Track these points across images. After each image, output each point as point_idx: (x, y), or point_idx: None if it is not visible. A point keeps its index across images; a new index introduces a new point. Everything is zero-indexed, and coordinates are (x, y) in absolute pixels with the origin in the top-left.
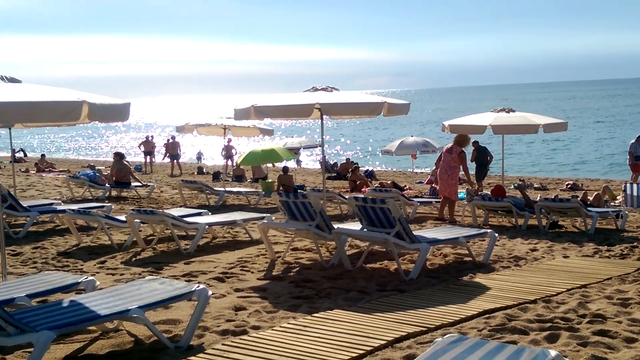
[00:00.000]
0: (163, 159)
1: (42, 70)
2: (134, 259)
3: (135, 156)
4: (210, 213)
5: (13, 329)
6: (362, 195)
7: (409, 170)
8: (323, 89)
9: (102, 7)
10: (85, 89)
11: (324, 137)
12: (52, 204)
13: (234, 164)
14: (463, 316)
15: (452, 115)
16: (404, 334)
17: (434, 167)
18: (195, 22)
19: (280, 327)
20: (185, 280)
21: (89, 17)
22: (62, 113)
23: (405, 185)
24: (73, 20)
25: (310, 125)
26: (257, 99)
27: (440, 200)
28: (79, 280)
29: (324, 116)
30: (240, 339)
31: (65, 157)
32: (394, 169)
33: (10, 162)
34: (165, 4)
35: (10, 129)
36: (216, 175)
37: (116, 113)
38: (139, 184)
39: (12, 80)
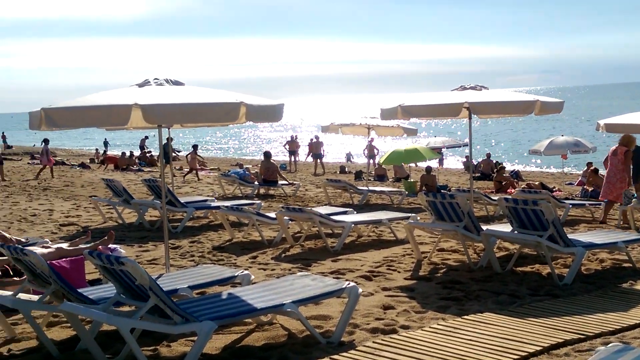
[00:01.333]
0: (306, 158)
1: (202, 72)
2: (283, 255)
3: (279, 155)
4: (355, 212)
5: (179, 318)
6: (510, 197)
7: (557, 171)
8: (472, 88)
9: (251, 11)
10: (233, 91)
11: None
12: (206, 200)
13: (376, 164)
14: (624, 325)
15: (606, 114)
16: (560, 340)
17: (585, 169)
18: (334, 23)
19: (430, 327)
20: (334, 278)
21: (238, 21)
22: (222, 114)
23: (554, 187)
24: (226, 23)
25: (447, 124)
26: (404, 99)
27: (596, 202)
28: (236, 274)
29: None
30: (391, 337)
31: (215, 155)
32: (541, 170)
33: (162, 159)
34: (308, 6)
35: (165, 128)
36: (358, 175)
37: (270, 114)
38: (286, 182)
39: (176, 83)
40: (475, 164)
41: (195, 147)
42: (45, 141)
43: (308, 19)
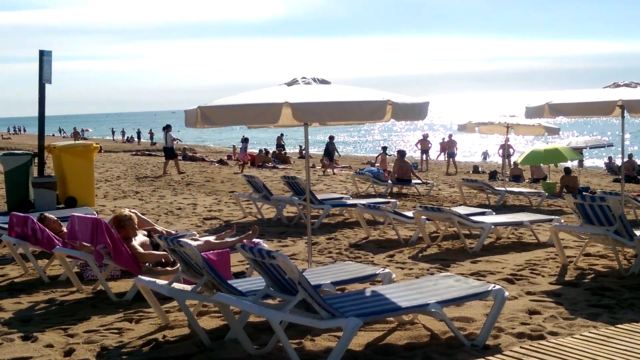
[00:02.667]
0: (437, 157)
1: (337, 72)
2: (420, 254)
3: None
4: (494, 213)
5: (325, 313)
6: None
7: None
8: (626, 85)
9: (384, 10)
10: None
11: (623, 136)
12: (341, 198)
13: (512, 164)
14: None
15: None
16: None
17: None
18: (471, 19)
19: (581, 335)
20: (474, 279)
21: (371, 20)
22: (369, 112)
23: None
24: (359, 23)
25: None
26: (551, 96)
27: None
28: (377, 272)
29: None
30: (539, 343)
31: (346, 154)
32: None
33: (300, 157)
34: (441, 3)
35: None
36: (493, 175)
37: (416, 112)
38: (419, 181)
39: (323, 81)
40: (618, 165)
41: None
42: (245, 140)
43: (441, 16)
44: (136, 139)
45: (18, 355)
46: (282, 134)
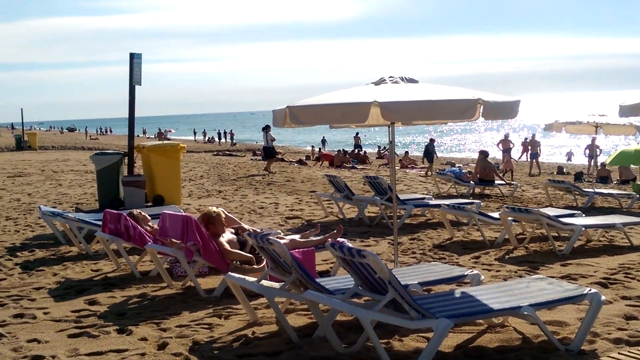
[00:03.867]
0: (519, 157)
1: (427, 70)
2: (507, 256)
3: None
4: (583, 214)
5: (415, 314)
6: None
7: None
8: None
9: (461, 9)
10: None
11: None
12: (423, 198)
13: (599, 164)
14: None
15: None
16: None
17: None
18: (555, 17)
19: None
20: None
21: (449, 19)
22: (458, 111)
23: None
24: (437, 22)
25: None
26: None
27: None
28: (465, 273)
29: None
30: (638, 349)
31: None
32: None
33: (378, 157)
34: (520, 2)
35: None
36: (578, 176)
37: (507, 110)
38: (503, 182)
39: (411, 80)
40: None
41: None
42: (323, 141)
43: (525, 14)
44: (217, 140)
45: (114, 347)
46: (357, 133)
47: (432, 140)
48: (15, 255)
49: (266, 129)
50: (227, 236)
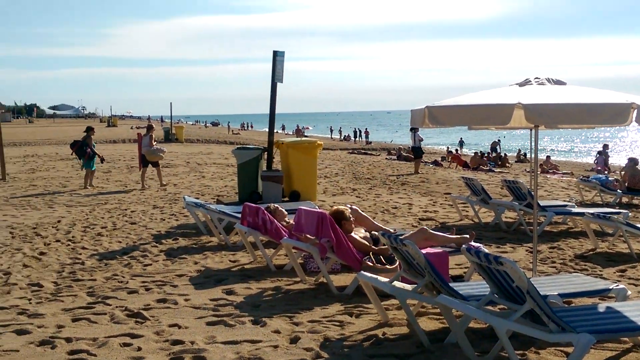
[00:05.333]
0: None
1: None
2: None
3: None
4: None
5: (554, 326)
6: None
7: None
8: None
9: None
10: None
11: None
12: (565, 205)
13: None
14: None
15: None
16: None
17: None
18: None
19: None
20: None
21: (598, 19)
22: (609, 116)
23: None
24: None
25: None
26: None
27: None
28: (610, 287)
29: None
30: None
31: (568, 160)
32: None
33: (517, 161)
34: None
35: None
36: None
37: None
38: None
39: (558, 82)
40: None
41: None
42: (461, 143)
43: None
44: (352, 138)
45: (249, 337)
46: (498, 139)
47: (605, 147)
48: (161, 242)
49: (415, 129)
50: (359, 234)
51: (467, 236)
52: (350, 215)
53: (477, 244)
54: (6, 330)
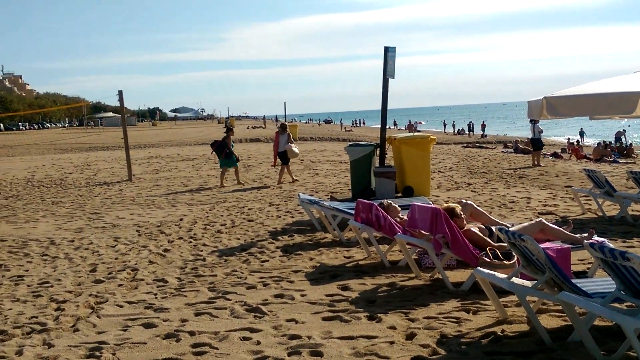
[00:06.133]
0: None
1: None
2: None
3: None
4: None
5: None
6: None
7: None
8: None
9: None
10: None
11: None
12: None
13: None
14: None
15: None
16: None
17: None
18: None
19: None
20: None
21: None
22: None
23: None
24: None
25: None
26: None
27: None
28: None
29: None
30: None
31: None
32: None
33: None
34: None
35: None
36: None
37: None
38: None
39: None
40: None
41: None
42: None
43: None
44: (467, 132)
45: (365, 333)
46: (624, 130)
47: None
48: (277, 239)
49: (534, 120)
50: (474, 229)
51: (587, 235)
52: (462, 212)
53: (601, 239)
54: (135, 324)
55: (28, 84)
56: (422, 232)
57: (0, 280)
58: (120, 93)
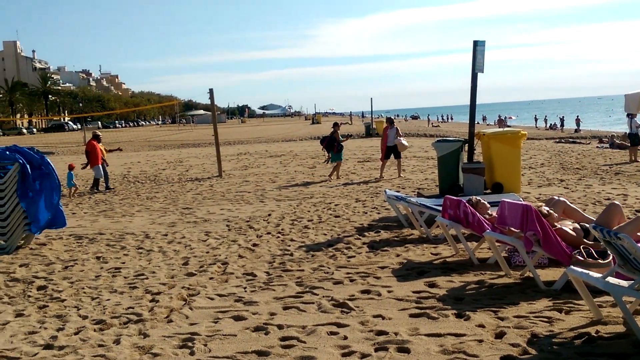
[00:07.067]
0: None
1: None
2: None
3: None
4: None
5: None
6: None
7: None
8: None
9: None
10: None
11: None
12: None
13: None
14: None
15: None
16: None
17: None
18: None
19: None
20: None
21: None
22: None
23: None
24: None
25: None
26: None
27: None
28: None
29: None
30: None
31: None
32: None
33: None
34: None
35: None
36: None
37: None
38: None
39: None
40: None
41: None
42: None
43: None
44: (559, 126)
45: (452, 331)
46: None
47: None
48: (363, 235)
49: (631, 114)
50: (567, 226)
51: None
52: (549, 211)
53: None
54: (225, 316)
55: (124, 83)
56: (512, 229)
57: (99, 272)
58: (210, 91)
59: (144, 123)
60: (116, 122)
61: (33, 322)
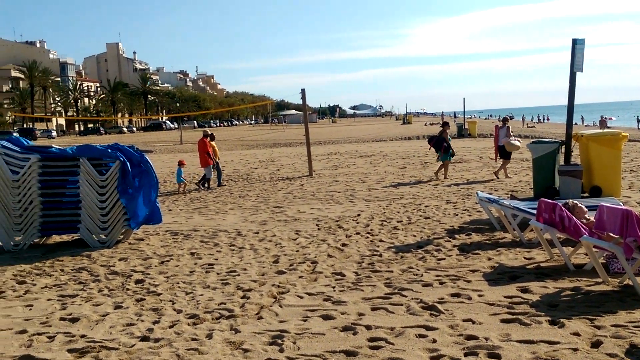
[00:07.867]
0: None
1: None
2: None
3: None
4: None
5: None
6: None
7: None
8: None
9: None
10: None
11: None
12: None
13: None
14: None
15: None
16: None
17: None
18: None
19: None
20: None
21: None
22: None
23: None
24: None
25: None
26: None
27: None
28: None
29: None
30: None
31: None
32: None
33: None
34: None
35: None
36: None
37: None
38: None
39: None
40: None
41: None
42: None
43: None
44: None
45: (546, 338)
46: None
47: None
48: (454, 237)
49: None
50: None
51: None
52: None
53: None
54: (314, 315)
55: (219, 83)
56: (611, 234)
57: (193, 267)
58: (303, 91)
59: (237, 122)
60: (211, 121)
61: (131, 314)
